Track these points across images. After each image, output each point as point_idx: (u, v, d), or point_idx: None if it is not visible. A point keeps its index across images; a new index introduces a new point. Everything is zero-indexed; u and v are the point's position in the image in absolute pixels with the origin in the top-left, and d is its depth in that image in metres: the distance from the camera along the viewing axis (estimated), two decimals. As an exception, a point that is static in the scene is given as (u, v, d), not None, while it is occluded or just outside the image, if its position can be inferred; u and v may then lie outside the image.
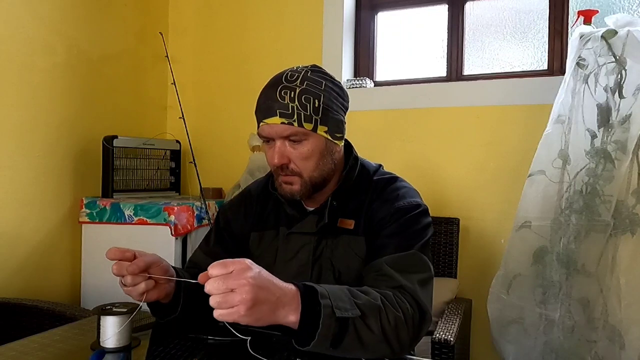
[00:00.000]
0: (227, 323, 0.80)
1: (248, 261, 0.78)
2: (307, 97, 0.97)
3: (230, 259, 0.77)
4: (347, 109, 1.07)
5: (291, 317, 0.80)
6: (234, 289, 0.74)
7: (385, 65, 2.43)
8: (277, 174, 1.04)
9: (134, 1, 2.48)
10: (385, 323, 0.85)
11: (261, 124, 1.00)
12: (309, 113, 0.97)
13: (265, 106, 0.99)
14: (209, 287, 0.74)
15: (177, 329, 1.01)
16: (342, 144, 1.08)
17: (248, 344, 0.87)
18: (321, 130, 0.99)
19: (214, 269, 0.75)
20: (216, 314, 0.74)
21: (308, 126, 0.97)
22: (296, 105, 0.96)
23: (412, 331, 0.89)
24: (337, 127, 1.03)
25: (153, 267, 0.93)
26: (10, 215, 1.93)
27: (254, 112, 1.04)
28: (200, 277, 0.77)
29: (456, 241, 1.98)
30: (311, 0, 2.38)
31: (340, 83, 1.06)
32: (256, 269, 0.78)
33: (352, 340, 0.83)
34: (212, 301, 0.74)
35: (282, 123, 0.97)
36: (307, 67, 1.03)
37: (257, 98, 1.03)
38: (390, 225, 1.01)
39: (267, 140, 1.02)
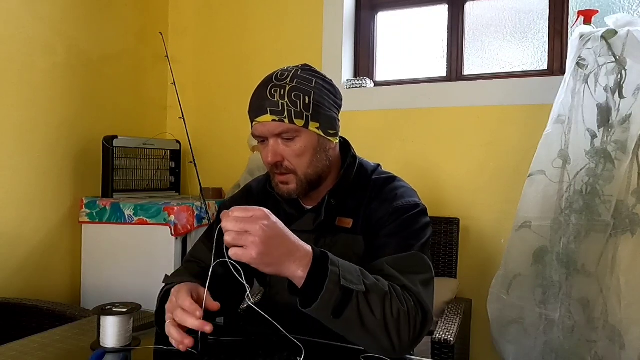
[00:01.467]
0: (239, 276, 0.82)
1: (267, 211, 0.83)
2: (297, 94, 0.98)
3: (253, 206, 0.83)
4: (340, 106, 1.08)
5: (300, 272, 0.83)
6: (248, 230, 0.79)
7: (385, 65, 2.43)
8: (272, 173, 1.05)
9: (134, 1, 2.48)
10: (388, 311, 0.86)
11: (254, 123, 1.01)
12: (299, 109, 0.97)
13: (257, 105, 1.00)
14: (226, 224, 0.80)
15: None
16: (337, 141, 1.08)
17: (247, 297, 0.86)
18: (313, 126, 1.00)
19: (236, 211, 0.81)
20: (231, 252, 0.79)
21: (299, 122, 0.98)
22: (286, 102, 0.97)
23: (414, 331, 0.89)
24: (329, 124, 1.03)
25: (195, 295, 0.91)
26: (10, 215, 1.93)
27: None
28: (224, 214, 0.82)
29: (456, 241, 1.98)
30: (311, 0, 2.38)
31: (331, 81, 1.07)
32: (274, 218, 0.83)
33: (353, 315, 0.84)
34: (227, 237, 0.80)
35: (273, 120, 0.97)
36: (298, 66, 1.04)
37: None
38: (389, 225, 1.01)
39: (262, 139, 1.03)
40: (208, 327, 0.83)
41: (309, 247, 0.85)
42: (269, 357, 0.91)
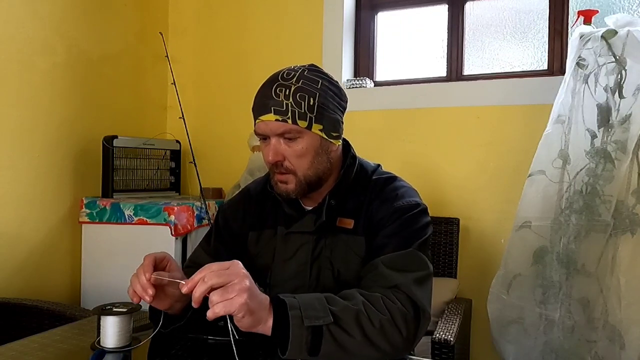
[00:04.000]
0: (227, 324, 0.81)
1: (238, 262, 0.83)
2: (302, 95, 0.97)
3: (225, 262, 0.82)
4: (344, 108, 1.07)
5: (270, 320, 0.83)
6: (232, 280, 0.79)
7: (385, 65, 2.43)
8: (272, 172, 1.05)
9: (134, 1, 2.48)
10: (368, 326, 0.85)
11: (257, 121, 1.01)
12: (303, 111, 0.97)
13: (261, 103, 1.00)
14: (210, 279, 0.78)
15: (179, 334, 1.01)
16: (339, 143, 1.08)
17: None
18: (316, 128, 0.99)
19: (214, 265, 0.81)
20: (219, 308, 0.77)
21: (302, 124, 0.97)
22: (290, 102, 0.96)
23: (407, 331, 0.89)
24: (333, 126, 1.02)
25: (163, 262, 0.95)
26: (10, 215, 1.93)
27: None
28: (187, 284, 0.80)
29: (456, 241, 1.98)
30: (311, 0, 2.38)
31: (337, 83, 1.06)
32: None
33: (331, 347, 0.84)
34: (214, 296, 0.77)
35: (277, 120, 0.97)
36: (305, 66, 1.04)
37: None
38: (389, 225, 1.01)
39: (263, 137, 1.02)
40: (150, 292, 0.86)
41: (266, 296, 0.85)
42: (269, 357, 0.91)
